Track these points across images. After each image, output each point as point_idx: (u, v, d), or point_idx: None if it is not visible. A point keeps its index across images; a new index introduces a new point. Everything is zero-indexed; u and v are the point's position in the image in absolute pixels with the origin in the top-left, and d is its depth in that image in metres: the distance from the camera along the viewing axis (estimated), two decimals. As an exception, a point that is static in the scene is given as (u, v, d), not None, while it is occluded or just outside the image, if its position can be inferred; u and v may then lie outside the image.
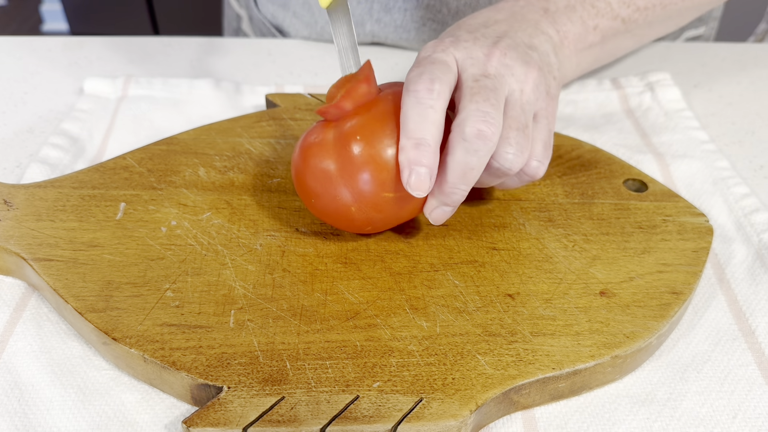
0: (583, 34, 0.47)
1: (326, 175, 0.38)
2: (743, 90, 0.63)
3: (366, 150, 0.37)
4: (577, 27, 0.46)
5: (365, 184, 0.37)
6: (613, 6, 0.47)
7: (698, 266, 0.41)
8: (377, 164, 0.37)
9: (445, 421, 0.32)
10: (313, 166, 0.38)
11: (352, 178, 0.37)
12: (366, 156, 0.37)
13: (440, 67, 0.38)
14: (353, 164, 0.37)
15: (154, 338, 0.36)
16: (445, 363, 0.35)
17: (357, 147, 0.37)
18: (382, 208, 0.39)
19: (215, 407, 0.33)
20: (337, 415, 0.33)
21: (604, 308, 0.38)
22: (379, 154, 0.37)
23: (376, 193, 0.38)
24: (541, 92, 0.40)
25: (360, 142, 0.37)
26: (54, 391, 0.36)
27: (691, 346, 0.40)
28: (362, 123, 0.37)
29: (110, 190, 0.45)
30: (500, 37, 0.41)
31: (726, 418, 0.36)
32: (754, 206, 0.48)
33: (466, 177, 0.37)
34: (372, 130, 0.37)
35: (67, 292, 0.38)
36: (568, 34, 0.46)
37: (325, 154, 0.38)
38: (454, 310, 0.38)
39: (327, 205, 0.39)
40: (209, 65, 0.64)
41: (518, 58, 0.40)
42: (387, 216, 0.39)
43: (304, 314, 0.37)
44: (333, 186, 0.38)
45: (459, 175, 0.37)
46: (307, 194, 0.39)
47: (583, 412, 0.36)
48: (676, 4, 0.50)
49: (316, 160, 0.38)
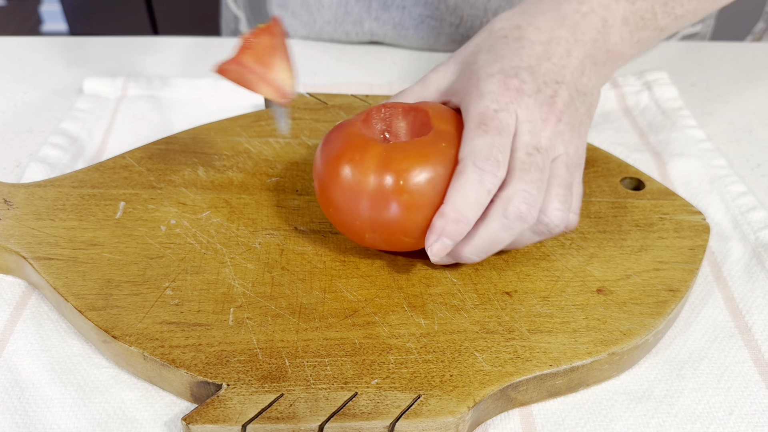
0: (627, 51, 0.45)
1: (354, 197, 0.37)
2: (741, 89, 0.63)
3: (405, 198, 0.36)
4: (624, 45, 0.44)
5: (390, 224, 0.37)
6: (658, 17, 0.45)
7: (695, 264, 0.41)
8: (410, 214, 0.37)
9: (443, 418, 0.33)
10: (344, 182, 0.37)
11: (380, 213, 0.37)
12: (403, 203, 0.36)
13: (506, 141, 0.37)
14: (386, 202, 0.37)
15: (153, 336, 0.36)
16: (443, 360, 0.35)
17: (397, 189, 0.36)
18: (395, 245, 0.39)
19: (215, 404, 0.33)
20: (335, 411, 0.33)
21: (602, 305, 0.39)
22: (416, 204, 0.36)
23: (396, 234, 0.38)
24: (581, 154, 0.41)
25: (402, 187, 0.36)
26: (54, 389, 0.36)
27: (687, 343, 0.40)
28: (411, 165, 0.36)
29: (110, 189, 0.45)
30: (558, 89, 0.39)
31: (722, 414, 0.36)
32: (751, 204, 0.48)
33: (491, 247, 0.38)
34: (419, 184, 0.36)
35: (67, 291, 0.38)
36: (613, 54, 0.44)
37: (362, 174, 0.37)
38: (452, 307, 0.38)
39: (344, 219, 0.38)
40: (208, 65, 0.64)
41: (570, 122, 0.39)
42: (396, 249, 0.40)
43: (302, 312, 0.38)
44: (357, 209, 0.37)
45: (486, 243, 0.37)
46: (327, 201, 0.39)
47: (580, 409, 0.36)
48: (704, 10, 0.49)
49: (351, 178, 0.37)
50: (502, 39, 0.41)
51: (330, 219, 0.40)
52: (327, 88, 0.61)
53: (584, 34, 0.41)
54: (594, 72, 0.42)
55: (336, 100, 0.55)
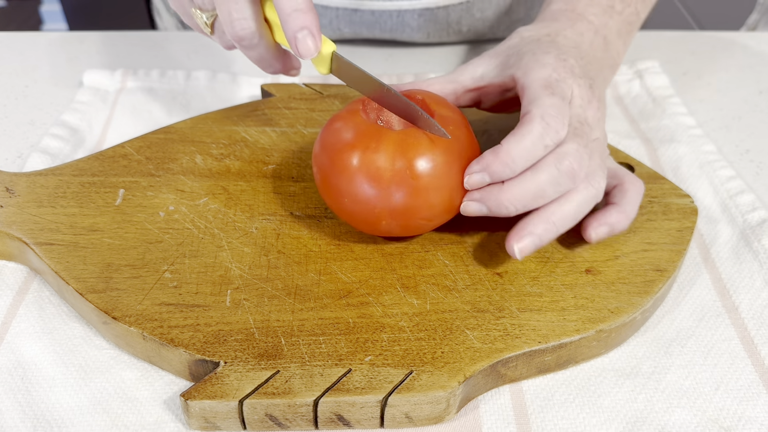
0: (621, 59, 0.50)
1: (372, 185, 0.38)
2: (731, 77, 0.64)
3: (425, 181, 0.37)
4: (620, 57, 0.49)
5: (410, 209, 0.38)
6: (640, 15, 0.50)
7: (682, 245, 0.42)
8: (429, 197, 0.38)
9: (435, 392, 0.34)
10: (359, 172, 0.38)
11: (400, 199, 0.38)
12: (423, 186, 0.37)
13: (568, 108, 0.39)
14: (407, 188, 0.37)
15: (152, 317, 0.37)
16: (434, 338, 0.36)
17: (415, 173, 0.37)
18: (411, 229, 0.40)
19: (212, 381, 0.34)
20: (330, 387, 0.34)
21: (590, 285, 0.39)
22: (435, 187, 0.38)
23: (414, 219, 0.39)
24: (606, 145, 0.43)
25: (421, 172, 0.37)
26: (56, 370, 0.37)
27: (675, 322, 0.41)
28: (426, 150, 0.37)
29: (109, 177, 0.46)
30: (593, 83, 0.42)
31: (709, 389, 0.37)
32: (740, 188, 0.49)
33: (534, 201, 0.38)
34: (436, 167, 0.37)
35: (68, 275, 0.39)
36: (614, 67, 0.49)
37: (380, 161, 0.37)
38: (444, 288, 0.39)
39: (358, 208, 0.39)
40: (206, 58, 0.65)
41: (603, 112, 0.43)
42: (410, 233, 0.41)
43: (298, 293, 0.39)
44: (374, 197, 0.38)
45: (531, 194, 0.38)
46: (339, 192, 0.39)
47: (569, 385, 0.37)
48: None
49: (368, 167, 0.37)
50: (536, 41, 0.44)
51: (337, 210, 0.40)
52: (322, 78, 0.62)
53: (593, 51, 0.46)
54: (604, 84, 0.46)
55: (331, 90, 0.56)
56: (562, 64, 0.41)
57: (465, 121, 0.40)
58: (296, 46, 0.39)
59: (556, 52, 0.42)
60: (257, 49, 0.42)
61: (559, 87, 0.39)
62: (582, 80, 0.41)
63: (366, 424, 0.35)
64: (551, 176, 0.37)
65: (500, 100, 0.45)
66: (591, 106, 0.41)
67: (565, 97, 0.39)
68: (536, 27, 0.46)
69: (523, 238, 0.38)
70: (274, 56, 0.44)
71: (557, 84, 0.39)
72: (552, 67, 0.40)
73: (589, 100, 0.41)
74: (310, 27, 0.38)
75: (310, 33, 0.38)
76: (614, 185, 0.43)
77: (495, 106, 0.46)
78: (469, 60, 0.52)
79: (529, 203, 0.38)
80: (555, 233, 0.38)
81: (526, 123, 0.37)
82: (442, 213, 0.39)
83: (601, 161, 0.41)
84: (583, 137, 0.39)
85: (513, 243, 0.38)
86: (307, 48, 0.38)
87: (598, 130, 0.41)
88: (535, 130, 0.37)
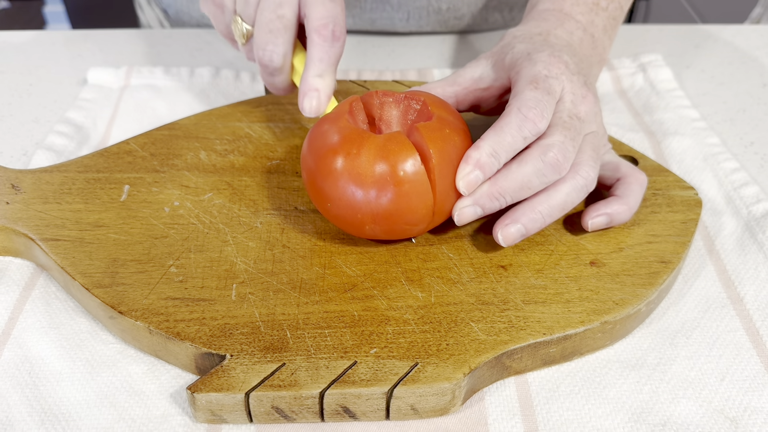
0: (607, 53, 0.51)
1: (354, 190, 0.37)
2: (735, 70, 0.64)
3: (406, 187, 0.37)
4: (606, 52, 0.50)
5: (393, 214, 0.38)
6: (623, 7, 0.51)
7: (687, 237, 0.42)
8: (414, 203, 0.38)
9: (440, 384, 0.34)
10: (341, 176, 0.37)
11: (382, 204, 0.37)
12: (404, 192, 0.37)
13: (552, 101, 0.40)
14: (388, 193, 0.37)
15: (158, 311, 0.37)
16: (439, 330, 0.36)
17: (397, 178, 0.37)
18: (396, 234, 0.40)
19: (218, 374, 0.34)
20: (336, 379, 0.34)
21: (594, 277, 0.39)
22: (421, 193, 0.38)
23: (398, 224, 0.39)
24: (605, 138, 0.45)
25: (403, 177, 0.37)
26: (63, 364, 0.37)
27: (680, 313, 0.41)
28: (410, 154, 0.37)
29: (114, 173, 0.46)
30: (586, 79, 0.43)
31: (714, 380, 0.37)
32: (744, 180, 0.49)
33: (521, 191, 0.39)
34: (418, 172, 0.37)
35: (74, 270, 0.39)
36: (601, 63, 0.50)
37: (360, 168, 0.37)
38: (449, 281, 0.39)
39: (342, 212, 0.39)
40: (209, 55, 0.66)
41: (599, 107, 0.43)
42: (395, 237, 0.41)
43: (303, 287, 0.39)
44: (357, 202, 0.38)
45: (517, 185, 0.38)
46: (323, 196, 0.39)
47: (574, 377, 0.37)
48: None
49: (349, 172, 0.37)
50: (529, 40, 0.45)
51: (323, 213, 0.40)
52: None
53: (583, 49, 0.47)
54: (594, 80, 0.47)
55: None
56: (556, 61, 0.41)
57: (464, 125, 0.40)
58: (302, 101, 0.43)
59: (549, 50, 0.42)
60: (274, 77, 0.46)
61: (546, 82, 0.40)
62: (576, 77, 0.42)
63: (372, 416, 0.35)
64: (536, 168, 0.38)
65: (499, 102, 0.46)
66: (585, 101, 0.41)
67: (552, 92, 0.40)
68: (527, 27, 0.47)
69: (508, 226, 0.39)
70: (285, 90, 0.48)
71: (545, 80, 0.40)
72: (544, 64, 0.41)
73: (583, 95, 0.41)
74: (322, 92, 0.43)
75: (319, 97, 0.43)
76: (617, 178, 0.43)
77: (494, 108, 0.46)
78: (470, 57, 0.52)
79: (516, 194, 0.39)
80: (542, 223, 0.39)
81: (504, 116, 0.39)
82: (427, 218, 0.39)
83: (594, 153, 0.41)
84: (571, 130, 0.39)
85: (498, 231, 0.39)
86: (311, 107, 0.43)
87: (594, 124, 0.42)
88: (512, 122, 0.38)
